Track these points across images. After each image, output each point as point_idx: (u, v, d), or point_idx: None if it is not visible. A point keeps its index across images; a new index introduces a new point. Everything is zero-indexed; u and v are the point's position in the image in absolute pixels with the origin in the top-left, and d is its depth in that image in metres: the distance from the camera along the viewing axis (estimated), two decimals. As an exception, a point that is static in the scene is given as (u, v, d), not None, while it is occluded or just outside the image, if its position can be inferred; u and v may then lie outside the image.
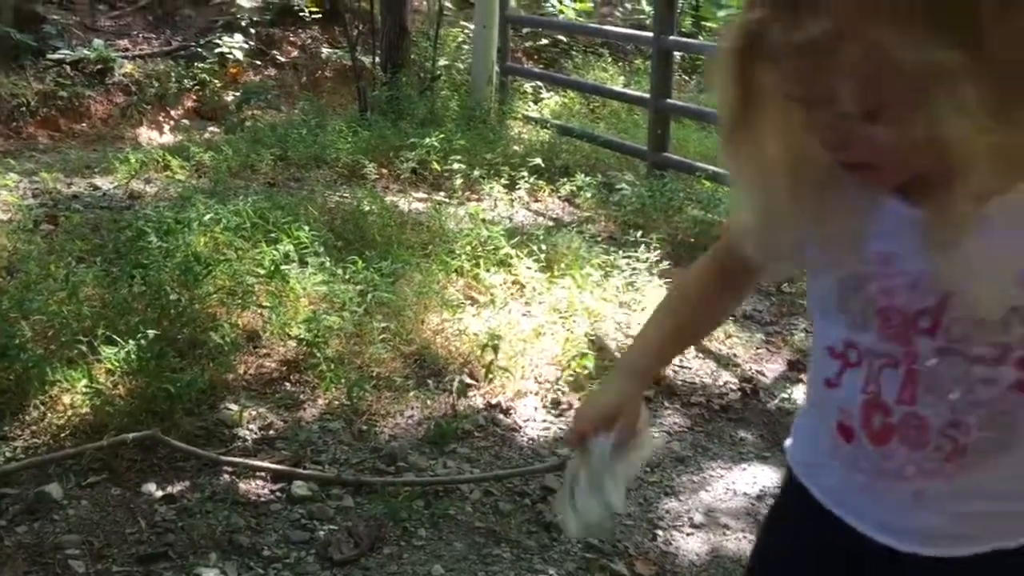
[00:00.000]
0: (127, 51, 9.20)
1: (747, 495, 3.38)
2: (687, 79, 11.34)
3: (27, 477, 3.12)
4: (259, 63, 9.78)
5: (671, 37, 6.80)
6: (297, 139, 7.07)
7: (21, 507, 2.98)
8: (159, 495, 3.09)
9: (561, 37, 11.35)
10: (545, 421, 3.79)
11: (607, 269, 4.91)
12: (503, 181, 6.45)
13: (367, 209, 5.50)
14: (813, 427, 1.31)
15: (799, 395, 4.21)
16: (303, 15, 10.03)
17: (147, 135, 8.55)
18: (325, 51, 10.12)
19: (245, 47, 9.49)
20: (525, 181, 6.45)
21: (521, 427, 3.74)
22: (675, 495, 3.35)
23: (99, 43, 8.89)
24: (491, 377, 3.93)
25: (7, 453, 3.25)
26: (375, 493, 3.19)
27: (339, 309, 4.14)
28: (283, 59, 9.94)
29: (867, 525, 1.25)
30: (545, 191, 6.62)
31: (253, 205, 5.09)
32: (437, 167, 6.68)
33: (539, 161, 6.72)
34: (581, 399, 3.91)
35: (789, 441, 1.41)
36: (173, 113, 8.93)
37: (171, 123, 8.84)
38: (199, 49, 9.36)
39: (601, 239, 5.58)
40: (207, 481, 3.19)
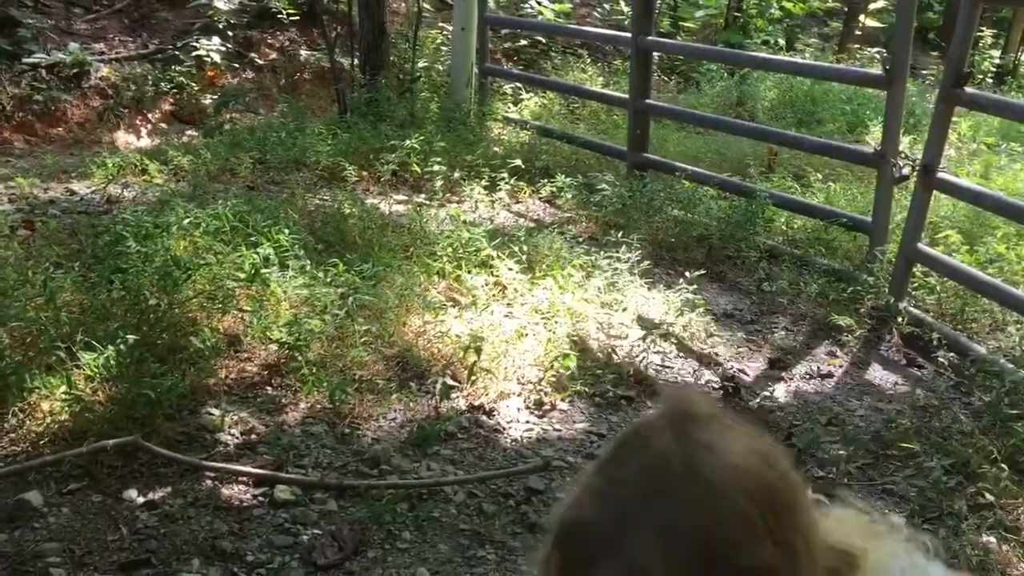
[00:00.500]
0: (103, 54, 9.12)
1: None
2: (666, 79, 11.40)
3: (6, 485, 3.09)
4: (237, 66, 9.73)
5: (649, 38, 6.83)
6: (276, 142, 7.04)
7: (0, 515, 2.95)
8: (140, 501, 3.07)
9: (540, 38, 11.36)
10: (528, 422, 3.80)
11: (588, 269, 4.93)
12: (484, 183, 6.46)
13: (347, 212, 5.48)
14: None
15: (780, 393, 4.24)
16: (281, 17, 9.98)
17: (124, 139, 8.48)
18: (303, 53, 10.08)
19: (222, 50, 9.44)
20: (506, 182, 6.46)
21: (504, 428, 3.74)
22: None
23: (75, 47, 8.81)
24: (474, 379, 3.93)
25: (-15, 461, 3.22)
26: (359, 496, 3.19)
27: (320, 312, 4.12)
28: (261, 61, 9.90)
29: None
30: (526, 192, 6.63)
31: (232, 209, 5.07)
32: (417, 169, 6.67)
33: (519, 162, 6.73)
34: (564, 399, 3.92)
35: None
36: (150, 117, 8.86)
37: (148, 127, 8.77)
38: (176, 52, 9.29)
39: (582, 240, 5.60)
40: (189, 487, 3.17)
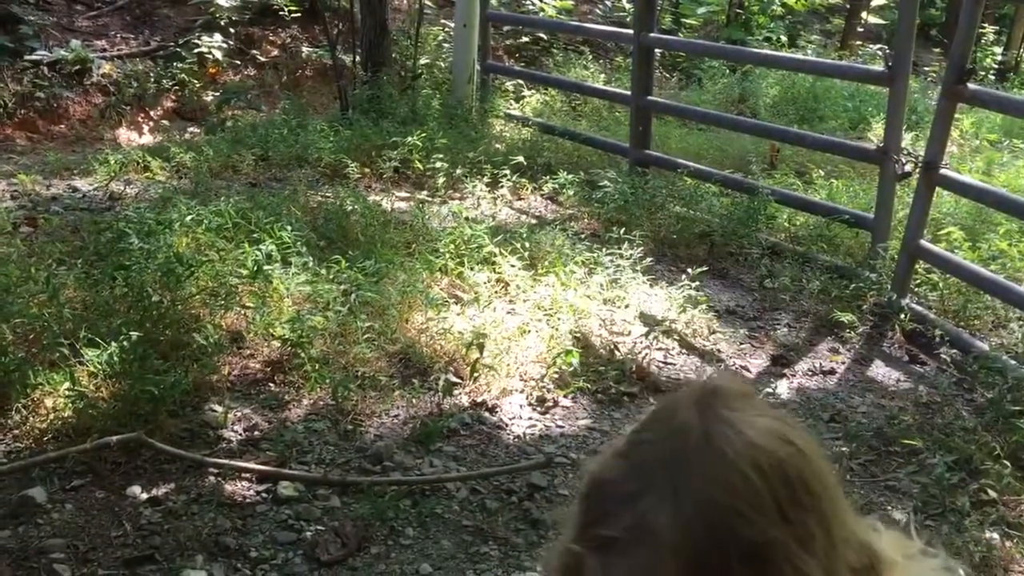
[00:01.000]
0: (105, 51, 9.12)
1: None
2: (668, 76, 11.40)
3: (10, 481, 3.10)
4: (239, 63, 9.73)
5: (651, 34, 6.83)
6: (278, 139, 7.04)
7: (4, 511, 2.96)
8: (144, 498, 3.08)
9: (542, 35, 11.36)
10: (531, 419, 3.80)
11: (591, 266, 4.93)
12: (486, 179, 6.46)
13: (350, 208, 5.49)
14: None
15: (783, 389, 4.25)
16: (282, 14, 9.98)
17: (126, 136, 8.49)
18: (305, 50, 10.08)
19: (224, 47, 9.44)
20: (508, 179, 6.46)
21: (507, 425, 3.74)
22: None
23: (77, 44, 8.81)
24: (476, 375, 3.93)
25: (-11, 457, 3.22)
26: (362, 493, 3.19)
27: (323, 309, 4.13)
28: (263, 58, 9.89)
29: None
30: (528, 189, 6.63)
31: (235, 205, 5.07)
32: (419, 166, 6.67)
33: (521, 159, 6.73)
34: (567, 396, 3.93)
35: None
36: (152, 114, 8.86)
37: (150, 124, 8.78)
38: (178, 49, 9.29)
39: (584, 236, 5.59)
40: (192, 483, 3.18)
